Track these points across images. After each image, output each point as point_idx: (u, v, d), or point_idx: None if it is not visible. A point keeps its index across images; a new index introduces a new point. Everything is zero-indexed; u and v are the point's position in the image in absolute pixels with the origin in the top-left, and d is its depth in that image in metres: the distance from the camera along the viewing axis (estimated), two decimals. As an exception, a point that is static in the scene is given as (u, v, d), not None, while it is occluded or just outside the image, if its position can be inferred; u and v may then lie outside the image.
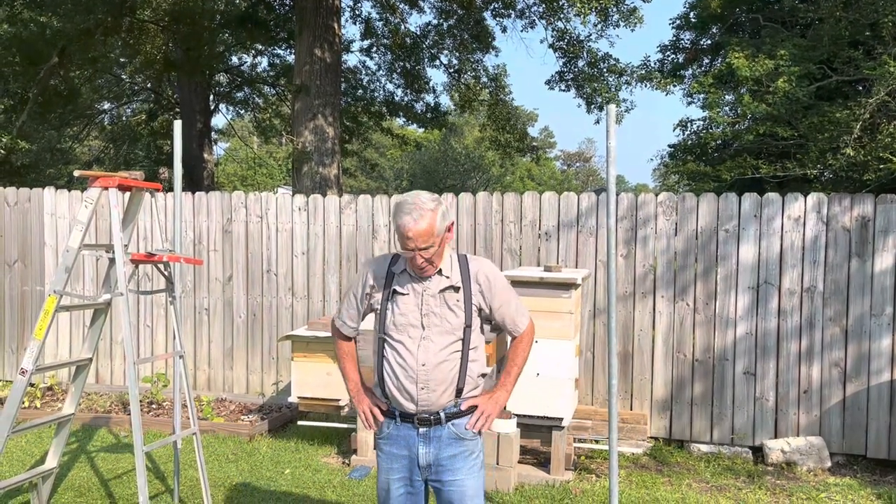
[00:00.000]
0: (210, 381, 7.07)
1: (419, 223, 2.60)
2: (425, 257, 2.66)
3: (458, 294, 2.75)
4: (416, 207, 2.63)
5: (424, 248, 2.64)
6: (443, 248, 2.74)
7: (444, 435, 2.79)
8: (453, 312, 2.74)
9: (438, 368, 2.72)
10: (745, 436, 5.86)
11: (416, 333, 2.73)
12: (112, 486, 4.90)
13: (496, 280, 2.82)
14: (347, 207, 6.77)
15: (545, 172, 40.39)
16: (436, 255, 2.69)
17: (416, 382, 2.73)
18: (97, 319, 4.19)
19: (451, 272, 2.78)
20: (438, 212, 2.66)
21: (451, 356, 2.74)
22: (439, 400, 2.75)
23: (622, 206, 6.11)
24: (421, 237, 2.62)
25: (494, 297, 2.80)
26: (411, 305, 2.75)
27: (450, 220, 2.74)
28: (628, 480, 5.20)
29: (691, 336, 5.99)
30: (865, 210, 5.64)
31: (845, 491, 5.06)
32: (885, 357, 5.60)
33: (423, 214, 2.62)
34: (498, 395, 2.88)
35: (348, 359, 3.04)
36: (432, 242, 2.64)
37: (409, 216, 2.62)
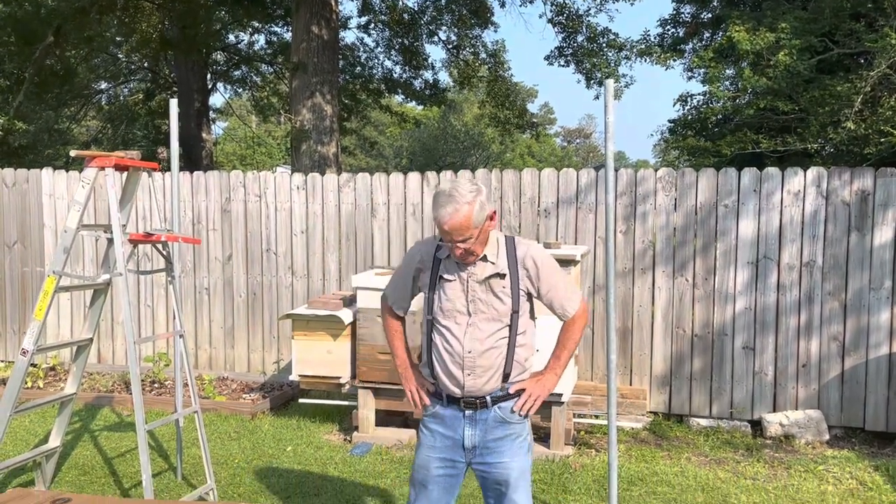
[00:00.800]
0: (211, 360, 7.11)
1: (454, 217, 2.57)
2: (464, 248, 2.64)
3: (505, 280, 2.71)
4: (452, 199, 2.58)
5: (462, 240, 2.61)
6: (485, 236, 2.69)
7: (491, 418, 2.77)
8: (500, 299, 2.71)
9: (485, 355, 2.71)
10: (744, 410, 5.89)
11: (463, 320, 2.72)
12: (116, 465, 4.94)
13: (544, 264, 2.76)
14: (346, 186, 6.76)
15: (545, 149, 40.23)
16: (477, 244, 2.66)
17: (462, 368, 2.73)
18: (97, 300, 4.20)
19: (497, 258, 2.73)
20: (476, 203, 2.59)
21: (498, 343, 2.72)
22: (485, 386, 2.74)
23: (621, 182, 6.09)
24: (457, 230, 2.58)
25: (542, 282, 2.75)
26: (457, 292, 2.72)
27: (490, 209, 2.67)
28: (628, 455, 5.24)
29: (690, 311, 6.01)
30: (865, 184, 5.63)
31: (843, 463, 5.10)
32: (884, 330, 5.61)
33: (458, 208, 2.57)
34: (547, 377, 2.83)
35: (397, 336, 3.00)
36: (470, 234, 2.60)
37: (444, 209, 2.58)
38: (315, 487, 4.57)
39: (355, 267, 6.69)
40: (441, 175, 6.55)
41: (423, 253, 2.84)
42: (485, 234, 2.68)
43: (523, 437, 2.83)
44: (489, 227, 2.69)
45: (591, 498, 4.43)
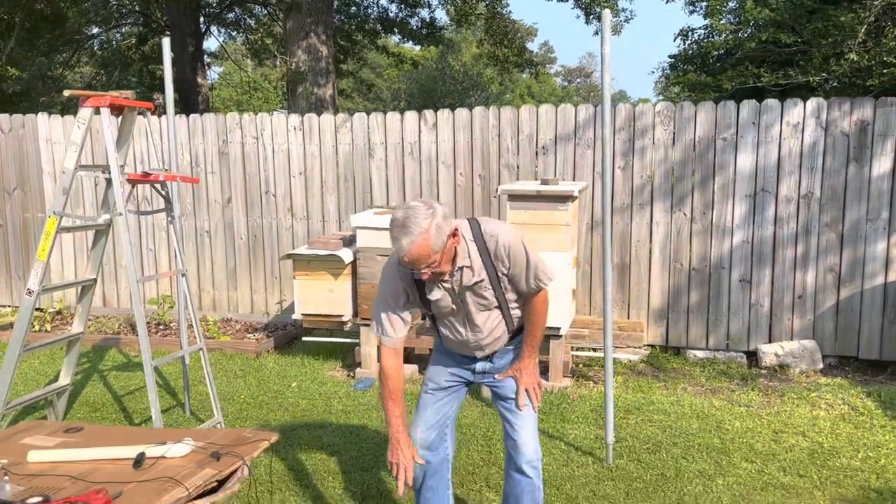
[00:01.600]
0: (215, 302, 7.19)
1: (412, 248, 2.46)
2: (431, 271, 2.56)
3: (483, 281, 2.73)
4: (406, 231, 2.45)
5: (425, 266, 2.53)
6: (450, 255, 2.60)
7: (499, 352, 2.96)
8: (483, 297, 2.77)
9: (489, 336, 2.86)
10: (740, 341, 5.99)
11: (460, 317, 2.82)
12: (125, 402, 5.07)
13: (513, 249, 2.71)
14: (343, 126, 6.72)
15: (545, 89, 39.69)
16: (443, 264, 2.57)
17: (470, 348, 2.90)
18: (99, 241, 4.23)
19: (471, 260, 2.69)
20: (432, 229, 2.46)
21: (494, 322, 2.84)
22: (496, 348, 2.92)
23: (620, 118, 6.06)
24: (418, 260, 2.49)
25: (514, 265, 2.74)
26: (447, 300, 2.77)
27: (449, 228, 2.53)
28: (625, 386, 5.35)
29: (688, 246, 6.05)
30: (865, 114, 5.59)
31: (836, 390, 5.21)
32: (880, 260, 5.66)
33: (413, 239, 2.45)
34: (529, 364, 2.93)
35: (394, 397, 2.78)
36: (433, 260, 2.51)
37: (400, 242, 2.48)
38: (320, 420, 4.69)
39: (354, 208, 6.71)
40: (438, 113, 6.50)
41: (403, 277, 2.73)
42: (449, 254, 2.58)
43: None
44: (453, 245, 2.58)
45: (589, 426, 4.55)
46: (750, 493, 3.67)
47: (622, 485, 3.76)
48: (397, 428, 2.73)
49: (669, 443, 4.29)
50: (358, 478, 3.85)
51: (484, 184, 6.39)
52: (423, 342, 5.61)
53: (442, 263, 2.55)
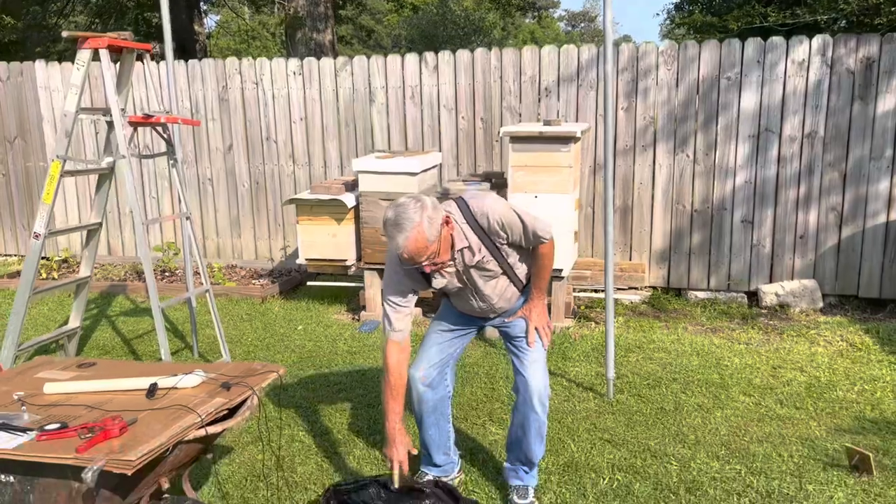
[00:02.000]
0: (219, 249, 7.24)
1: (408, 244, 2.48)
2: (431, 263, 2.58)
3: (484, 254, 2.77)
4: (399, 228, 2.48)
5: (425, 259, 2.55)
6: (447, 243, 2.62)
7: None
8: (488, 268, 2.81)
9: (499, 300, 2.93)
10: (742, 282, 6.04)
11: (470, 291, 2.89)
12: (134, 345, 5.16)
13: (507, 220, 2.72)
14: (343, 70, 6.66)
15: (549, 34, 39.01)
16: (442, 254, 2.60)
17: (484, 313, 2.98)
18: (102, 185, 4.26)
19: (467, 241, 2.72)
20: (424, 221, 2.48)
21: (503, 287, 2.91)
22: (508, 307, 2.99)
23: (623, 58, 5.99)
24: (416, 254, 2.51)
25: (512, 234, 2.76)
26: (454, 282, 2.84)
27: (440, 217, 2.55)
28: (626, 326, 5.42)
29: (691, 187, 6.04)
30: (871, 51, 5.52)
31: (835, 328, 5.27)
32: (882, 199, 5.66)
33: (408, 235, 2.47)
34: (538, 305, 2.98)
35: (395, 394, 2.79)
36: (431, 251, 2.53)
37: (395, 240, 2.51)
38: (326, 360, 4.78)
39: (356, 153, 6.69)
40: (439, 55, 6.43)
41: (407, 273, 2.75)
42: (446, 242, 2.60)
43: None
44: (448, 233, 2.61)
45: (590, 364, 4.63)
46: (747, 424, 3.76)
47: (622, 418, 3.84)
48: (393, 425, 2.75)
49: (669, 378, 4.37)
50: (365, 414, 3.94)
51: (486, 127, 6.36)
52: (426, 285, 5.66)
53: (441, 253, 2.58)
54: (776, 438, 3.58)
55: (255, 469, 3.36)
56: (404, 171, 5.37)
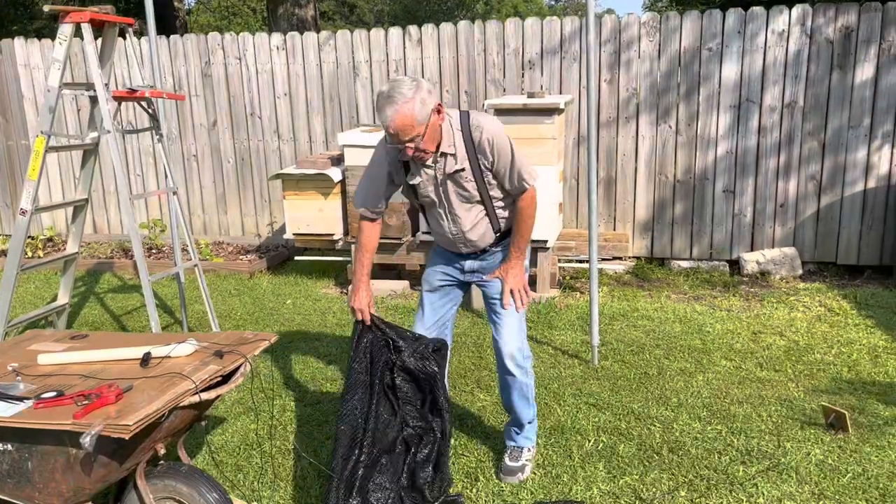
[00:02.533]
0: (206, 225, 7.25)
1: (396, 118, 2.53)
2: (414, 148, 2.62)
3: (465, 172, 2.76)
4: (391, 101, 2.53)
5: (409, 139, 2.58)
6: (435, 132, 2.65)
7: (489, 254, 3.01)
8: (465, 187, 2.80)
9: (471, 231, 2.90)
10: (723, 251, 6.14)
11: (443, 209, 2.87)
12: (124, 321, 5.19)
13: (497, 142, 2.74)
14: (326, 44, 6.64)
15: (532, 9, 38.78)
16: (427, 142, 2.63)
17: (455, 243, 2.97)
18: (87, 161, 4.25)
19: (454, 148, 2.73)
20: (416, 100, 2.54)
21: (477, 217, 2.88)
22: (481, 245, 2.97)
23: (605, 30, 6.01)
24: (402, 130, 2.56)
25: (498, 160, 2.76)
26: (430, 187, 2.83)
27: (434, 102, 2.60)
28: (610, 295, 5.51)
29: (673, 158, 6.11)
30: (850, 20, 5.58)
31: (814, 294, 5.39)
32: (860, 168, 5.76)
33: (398, 108, 2.52)
34: (515, 266, 2.94)
35: (365, 251, 2.98)
36: (416, 133, 2.57)
37: (385, 112, 2.55)
38: (316, 333, 4.83)
39: (341, 127, 6.70)
40: (423, 29, 6.43)
41: (389, 160, 2.82)
42: (433, 131, 2.64)
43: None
44: (437, 122, 2.64)
45: (575, 332, 4.71)
46: (728, 386, 3.86)
47: (607, 383, 3.94)
48: (360, 276, 2.94)
49: (652, 345, 4.46)
50: (354, 383, 4.00)
51: (470, 100, 6.38)
52: (413, 259, 5.71)
53: (426, 140, 2.61)
54: (756, 399, 3.69)
55: (248, 438, 3.42)
56: (389, 145, 5.39)
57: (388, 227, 5.52)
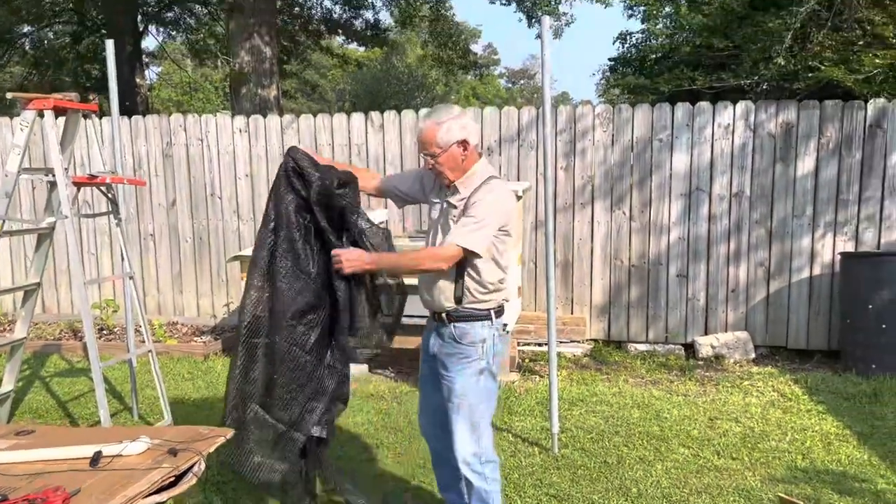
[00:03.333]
0: (160, 305, 7.12)
1: (422, 130, 2.87)
2: (431, 162, 2.88)
3: (456, 210, 2.88)
4: (428, 116, 2.89)
5: (427, 154, 2.87)
6: (453, 161, 2.85)
7: (447, 333, 2.97)
8: (449, 227, 2.89)
9: (437, 275, 2.92)
10: (678, 334, 6.25)
11: (433, 235, 3.01)
12: (70, 408, 5.00)
13: (486, 199, 2.82)
14: (289, 128, 6.74)
15: (490, 90, 40.04)
16: (441, 166, 2.86)
17: (420, 284, 3.03)
18: (42, 244, 4.18)
19: (464, 189, 2.89)
20: (444, 125, 2.82)
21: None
22: (437, 302, 2.97)
23: (561, 119, 6.24)
24: (421, 143, 2.88)
25: (469, 206, 2.84)
26: (437, 213, 3.01)
27: (461, 136, 2.82)
28: (569, 379, 5.53)
29: (628, 243, 6.27)
30: (789, 116, 5.90)
31: (767, 378, 5.49)
32: (806, 255, 5.98)
33: (428, 125, 2.85)
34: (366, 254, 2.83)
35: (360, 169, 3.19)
36: (433, 151, 2.84)
37: (421, 121, 2.90)
38: (271, 420, 4.71)
39: (302, 209, 6.72)
40: (385, 115, 6.58)
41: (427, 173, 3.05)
42: (451, 159, 2.85)
43: (472, 360, 2.96)
44: (458, 154, 2.85)
45: (535, 418, 4.70)
46: (687, 476, 3.87)
47: (567, 473, 3.91)
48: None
49: (612, 432, 4.47)
50: (310, 474, 3.90)
51: (430, 184, 6.50)
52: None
53: (442, 161, 2.85)
54: (714, 490, 3.70)
55: (199, 535, 3.28)
56: (350, 229, 5.43)
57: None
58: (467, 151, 2.86)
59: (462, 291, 2.91)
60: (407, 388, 5.35)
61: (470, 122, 2.89)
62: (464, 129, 2.85)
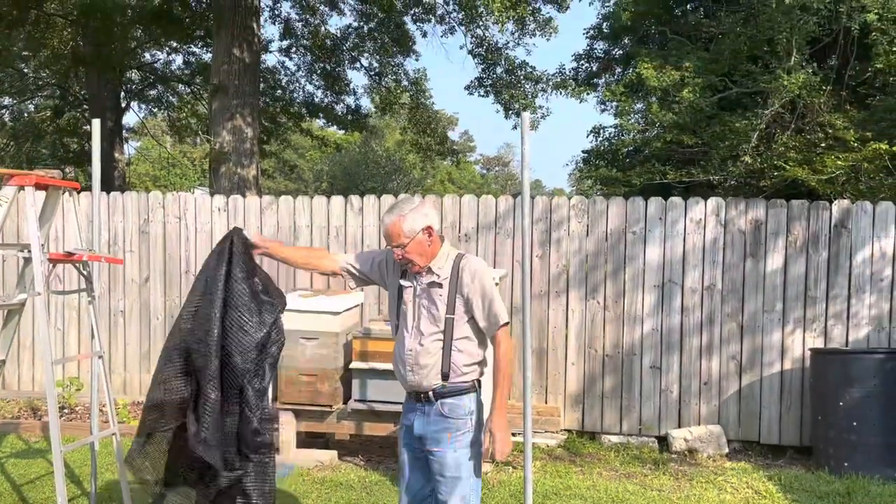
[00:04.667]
0: (126, 384, 6.93)
1: (388, 225, 2.99)
2: (401, 254, 2.99)
3: (442, 289, 2.99)
4: (391, 210, 3.01)
5: (396, 245, 2.98)
6: (421, 248, 2.99)
7: (433, 411, 3.01)
8: (436, 305, 3.00)
9: (423, 354, 3.00)
10: (652, 426, 6.21)
11: (411, 322, 3.04)
12: (25, 491, 4.78)
13: (476, 275, 3.01)
14: (268, 208, 6.78)
15: (465, 176, 40.86)
16: (411, 254, 2.98)
17: (405, 365, 3.05)
18: (10, 321, 4.10)
19: (441, 270, 3.03)
20: (409, 216, 2.96)
21: (432, 344, 2.99)
22: (424, 381, 3.01)
23: (537, 209, 6.37)
24: (388, 236, 3.00)
25: (473, 284, 2.99)
26: (410, 296, 3.06)
27: (424, 223, 2.98)
28: (543, 470, 5.44)
29: (602, 332, 6.31)
30: (758, 214, 6.09)
31: (740, 474, 5.46)
32: (776, 350, 6.06)
33: (392, 219, 2.98)
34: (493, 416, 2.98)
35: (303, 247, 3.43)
36: (402, 242, 2.97)
37: (385, 217, 3.03)
38: (236, 509, 4.54)
39: (277, 289, 6.68)
40: (364, 199, 6.67)
41: (392, 260, 3.15)
42: (419, 246, 2.98)
43: (463, 432, 3.02)
44: (424, 241, 2.99)
45: (509, 512, 4.59)
46: (663, 577, 3.77)
47: (542, 571, 3.79)
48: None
49: (586, 528, 4.37)
50: (275, 569, 3.74)
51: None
52: (343, 427, 5.56)
53: (410, 250, 2.97)
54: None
55: None
56: (326, 311, 5.41)
57: (318, 394, 5.41)
58: (432, 237, 3.01)
59: (449, 367, 2.98)
60: (377, 476, 5.21)
61: (430, 209, 3.05)
62: (426, 216, 3.00)
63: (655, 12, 13.96)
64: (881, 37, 8.71)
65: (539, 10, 12.11)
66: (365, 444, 5.97)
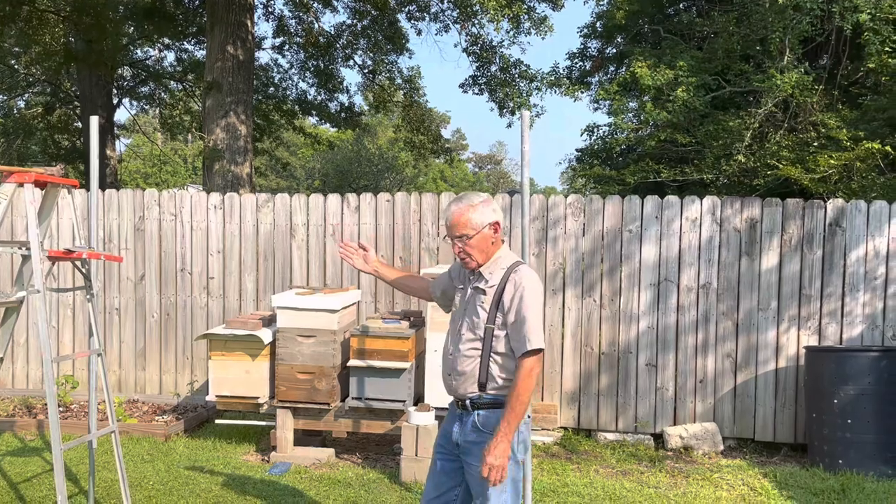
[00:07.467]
0: (121, 382, 6.91)
1: (454, 214, 2.94)
2: (460, 247, 2.94)
3: (486, 297, 2.93)
4: (459, 200, 2.97)
5: (458, 236, 2.93)
6: (484, 244, 2.94)
7: (470, 421, 2.96)
8: (477, 313, 2.94)
9: (460, 360, 2.96)
10: (648, 424, 6.24)
11: (455, 325, 3.03)
12: (23, 490, 4.76)
13: (518, 290, 2.87)
14: (265, 206, 6.77)
15: (458, 174, 40.86)
16: (472, 249, 2.93)
17: (445, 368, 3.05)
18: (8, 318, 4.08)
19: (491, 276, 2.96)
20: (478, 208, 2.92)
21: (470, 351, 2.94)
22: (461, 388, 2.97)
23: (534, 208, 6.39)
24: (453, 226, 2.94)
25: (513, 302, 2.87)
26: (460, 299, 3.05)
27: (493, 218, 2.95)
28: (540, 468, 5.46)
29: (598, 331, 6.33)
30: (754, 213, 6.13)
31: (736, 471, 5.49)
32: (771, 348, 6.10)
33: (460, 208, 2.93)
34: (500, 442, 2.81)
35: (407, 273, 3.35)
36: (465, 233, 2.90)
37: (450, 207, 2.98)
38: (234, 507, 4.55)
39: (273, 287, 6.69)
40: (361, 197, 6.67)
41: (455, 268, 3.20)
42: (483, 241, 2.93)
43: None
44: (489, 237, 2.94)
45: (507, 509, 4.59)
46: (662, 573, 3.80)
47: (541, 568, 3.81)
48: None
49: (585, 525, 4.39)
50: (276, 567, 3.75)
51: (405, 266, 6.54)
52: (340, 425, 5.56)
53: (473, 244, 2.91)
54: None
55: None
56: (324, 308, 5.41)
57: (315, 392, 5.41)
58: (497, 234, 2.97)
59: (486, 377, 2.92)
60: (375, 474, 5.22)
61: (497, 206, 3.01)
62: (494, 212, 2.96)
63: (649, 11, 14.00)
64: (873, 37, 8.76)
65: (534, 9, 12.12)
66: (362, 442, 5.98)
